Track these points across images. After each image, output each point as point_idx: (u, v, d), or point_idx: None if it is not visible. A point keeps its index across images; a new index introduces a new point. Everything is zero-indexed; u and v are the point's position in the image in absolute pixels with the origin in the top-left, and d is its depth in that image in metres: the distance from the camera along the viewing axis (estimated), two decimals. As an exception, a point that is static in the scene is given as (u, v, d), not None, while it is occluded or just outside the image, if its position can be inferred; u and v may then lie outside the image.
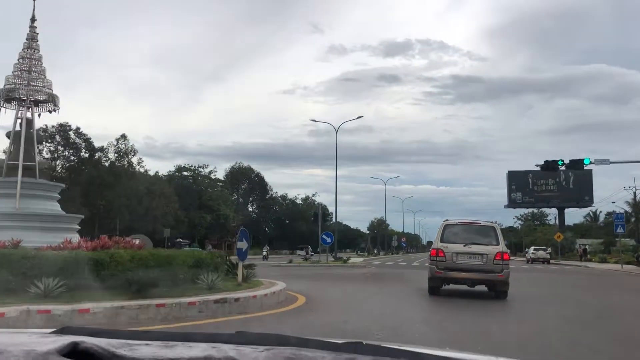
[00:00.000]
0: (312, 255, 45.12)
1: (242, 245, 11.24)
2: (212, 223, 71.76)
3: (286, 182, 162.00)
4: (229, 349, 0.90)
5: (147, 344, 0.94)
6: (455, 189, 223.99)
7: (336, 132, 38.71)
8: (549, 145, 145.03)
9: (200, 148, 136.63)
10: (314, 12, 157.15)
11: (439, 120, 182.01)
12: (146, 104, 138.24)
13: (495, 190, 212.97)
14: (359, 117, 41.05)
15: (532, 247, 53.19)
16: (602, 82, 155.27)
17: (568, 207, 78.92)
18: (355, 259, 45.39)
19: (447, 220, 13.09)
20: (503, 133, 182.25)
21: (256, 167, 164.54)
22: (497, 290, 12.28)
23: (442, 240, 12.48)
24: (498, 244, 12.24)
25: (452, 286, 13.00)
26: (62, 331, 1.08)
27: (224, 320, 8.29)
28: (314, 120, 37.16)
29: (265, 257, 43.89)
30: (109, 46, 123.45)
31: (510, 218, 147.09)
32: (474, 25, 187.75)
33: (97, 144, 53.43)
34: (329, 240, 33.89)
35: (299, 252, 68.29)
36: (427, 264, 14.50)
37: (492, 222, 13.50)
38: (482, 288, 12.67)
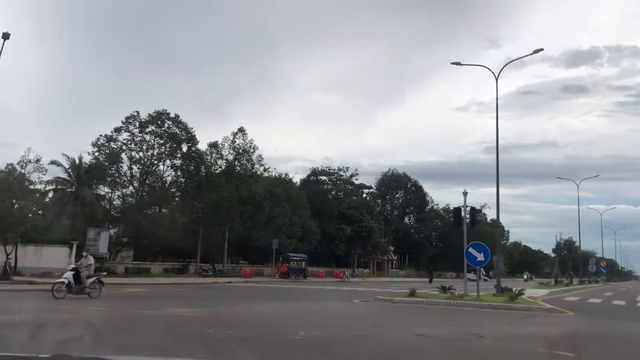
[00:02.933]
0: (485, 279, 29.68)
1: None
2: (352, 236, 60.07)
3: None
4: None
5: None
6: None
7: (496, 79, 24.80)
8: None
9: (373, 167, 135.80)
10: (490, 26, 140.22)
11: (636, 133, 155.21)
12: (325, 127, 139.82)
13: None
14: (538, 51, 25.57)
15: None
16: None
17: None
18: (534, 291, 29.99)
19: None
20: None
21: (429, 186, 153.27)
22: None
23: None
24: None
25: None
26: (53, 359, 1.03)
27: None
28: (458, 64, 22.85)
29: None
30: (290, 75, 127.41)
31: None
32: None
33: (280, 167, 45.62)
34: (480, 257, 19.60)
35: (469, 275, 52.52)
36: None
37: None
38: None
